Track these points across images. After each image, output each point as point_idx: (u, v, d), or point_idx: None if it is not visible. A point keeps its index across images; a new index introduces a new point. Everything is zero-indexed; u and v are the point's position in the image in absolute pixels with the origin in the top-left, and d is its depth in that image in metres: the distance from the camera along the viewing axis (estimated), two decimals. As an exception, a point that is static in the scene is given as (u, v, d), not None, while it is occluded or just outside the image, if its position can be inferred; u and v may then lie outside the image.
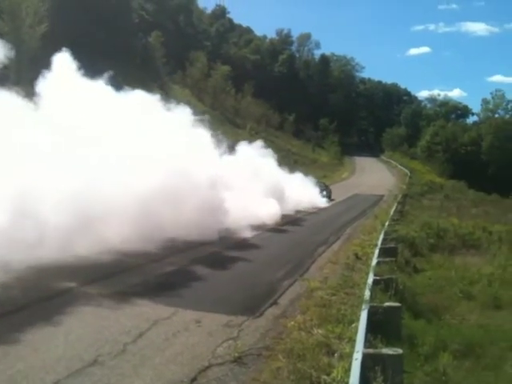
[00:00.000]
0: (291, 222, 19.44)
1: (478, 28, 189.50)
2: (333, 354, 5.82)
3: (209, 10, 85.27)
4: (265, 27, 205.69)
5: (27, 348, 5.59)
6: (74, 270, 8.81)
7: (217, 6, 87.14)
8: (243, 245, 13.51)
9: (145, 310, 7.23)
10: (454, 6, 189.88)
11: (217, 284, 9.35)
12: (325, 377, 5.17)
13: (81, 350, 5.60)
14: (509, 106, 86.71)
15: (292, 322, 7.07)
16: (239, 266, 11.06)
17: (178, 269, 10.12)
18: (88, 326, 6.45)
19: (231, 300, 8.28)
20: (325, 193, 30.26)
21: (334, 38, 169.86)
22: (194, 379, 5.20)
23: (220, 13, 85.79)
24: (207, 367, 5.50)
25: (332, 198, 31.66)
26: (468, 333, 7.84)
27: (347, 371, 4.87)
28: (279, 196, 19.78)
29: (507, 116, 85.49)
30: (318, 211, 24.44)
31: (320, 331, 6.55)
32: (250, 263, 11.49)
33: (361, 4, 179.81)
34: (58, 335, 6.03)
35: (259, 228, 15.87)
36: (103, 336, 6.07)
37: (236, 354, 5.83)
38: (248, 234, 14.75)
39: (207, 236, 12.65)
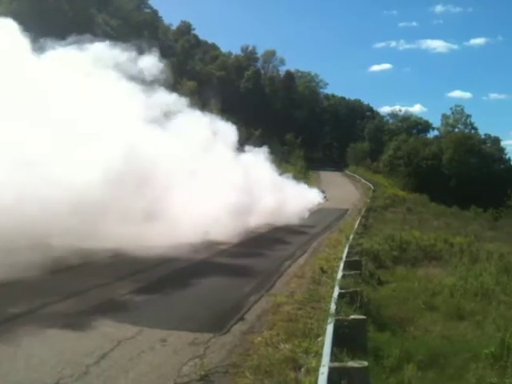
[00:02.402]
0: (256, 237, 19.40)
1: (438, 45, 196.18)
2: (300, 369, 5.81)
3: (174, 26, 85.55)
4: (230, 44, 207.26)
5: (-15, 373, 5.39)
6: (34, 288, 8.58)
7: (182, 22, 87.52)
8: (207, 260, 13.41)
9: (109, 329, 7.07)
10: (414, 23, 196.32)
11: (182, 301, 9.22)
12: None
13: (42, 373, 5.43)
14: (468, 121, 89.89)
15: (259, 338, 7.04)
16: (205, 283, 10.96)
17: (142, 286, 9.94)
18: (50, 347, 6.26)
19: (197, 317, 8.19)
20: (323, 195, 41.40)
21: (299, 54, 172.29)
22: (159, 399, 5.12)
23: (185, 29, 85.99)
24: (173, 387, 5.41)
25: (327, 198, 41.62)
26: (432, 344, 7.95)
27: (314, 386, 4.88)
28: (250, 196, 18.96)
29: (466, 130, 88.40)
30: (283, 226, 24.41)
31: (287, 346, 6.54)
32: (216, 279, 11.42)
33: (324, 21, 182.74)
34: (19, 358, 5.83)
35: (216, 243, 15.65)
36: (65, 358, 5.90)
37: (202, 373, 5.75)
38: (207, 247, 14.53)
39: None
